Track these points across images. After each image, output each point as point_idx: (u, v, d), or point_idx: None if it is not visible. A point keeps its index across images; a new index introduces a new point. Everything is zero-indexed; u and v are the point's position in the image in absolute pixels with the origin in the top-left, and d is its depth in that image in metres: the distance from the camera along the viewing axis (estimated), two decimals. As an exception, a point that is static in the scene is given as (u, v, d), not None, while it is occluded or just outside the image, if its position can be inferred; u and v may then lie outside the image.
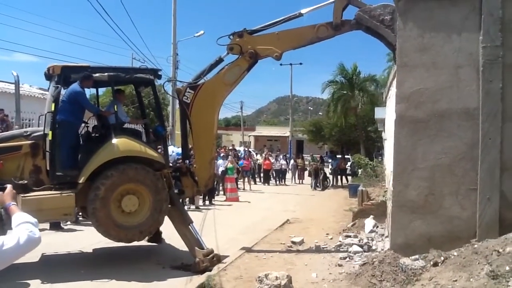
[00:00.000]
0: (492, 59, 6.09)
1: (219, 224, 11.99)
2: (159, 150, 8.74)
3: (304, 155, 31.17)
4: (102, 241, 8.61)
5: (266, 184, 26.07)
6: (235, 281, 6.86)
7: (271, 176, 27.15)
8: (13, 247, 2.26)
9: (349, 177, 26.50)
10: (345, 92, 29.56)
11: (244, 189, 21.91)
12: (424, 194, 6.33)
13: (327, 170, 27.33)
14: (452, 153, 6.25)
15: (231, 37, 8.58)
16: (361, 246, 8.50)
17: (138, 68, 8.87)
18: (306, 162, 28.78)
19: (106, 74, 7.76)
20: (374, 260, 6.41)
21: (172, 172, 8.67)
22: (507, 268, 5.12)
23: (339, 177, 26.54)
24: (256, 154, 29.80)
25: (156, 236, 9.15)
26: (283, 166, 27.24)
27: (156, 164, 7.99)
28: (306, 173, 27.49)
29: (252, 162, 23.98)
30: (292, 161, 29.18)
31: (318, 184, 25.23)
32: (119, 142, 7.71)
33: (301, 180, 27.28)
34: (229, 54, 8.63)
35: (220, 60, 8.74)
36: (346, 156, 29.46)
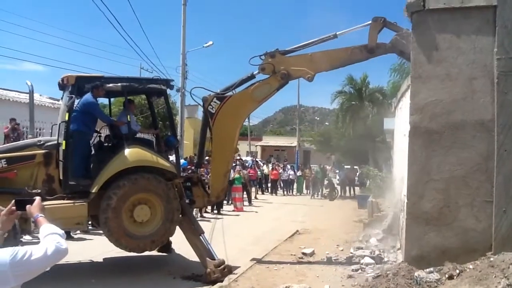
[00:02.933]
0: (507, 71, 6.06)
1: (228, 234, 11.95)
2: (171, 160, 8.76)
3: (312, 165, 31.08)
4: (113, 251, 8.62)
5: (273, 194, 26.01)
6: (247, 293, 6.83)
7: (279, 186, 27.09)
8: (41, 258, 2.27)
9: (357, 188, 26.39)
10: (354, 102, 29.57)
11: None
12: (439, 206, 6.27)
13: (335, 181, 27.24)
14: (467, 164, 6.20)
15: (263, 57, 8.60)
16: (373, 258, 8.44)
17: (150, 78, 8.93)
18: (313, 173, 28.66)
19: (119, 84, 7.83)
20: (388, 272, 6.35)
21: (183, 182, 8.68)
22: (525, 281, 5.07)
23: (347, 187, 26.44)
24: (263, 164, 29.75)
25: (166, 246, 9.15)
26: (290, 176, 27.18)
27: (168, 174, 8.01)
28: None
29: (258, 172, 23.92)
30: (299, 172, 29.04)
31: (316, 194, 25.30)
32: (131, 152, 7.75)
33: (316, 192, 26.57)
34: (260, 73, 8.66)
35: (252, 77, 8.79)
36: (354, 167, 29.38)
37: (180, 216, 8.05)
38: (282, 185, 27.09)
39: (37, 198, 2.59)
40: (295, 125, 64.79)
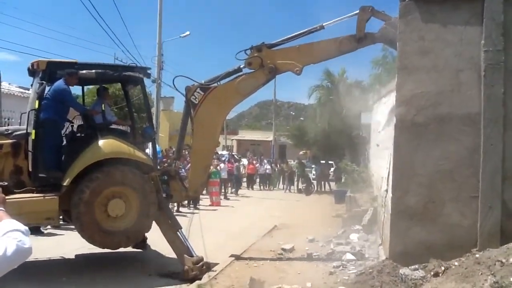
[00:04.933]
0: (494, 64, 5.96)
1: (206, 229, 11.66)
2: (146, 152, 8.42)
3: (288, 160, 30.94)
4: (85, 247, 8.24)
5: (250, 188, 25.81)
6: (227, 290, 6.59)
7: (255, 181, 26.91)
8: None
9: (332, 183, 26.41)
10: (331, 97, 29.56)
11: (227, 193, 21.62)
12: (423, 201, 6.14)
13: (311, 176, 27.19)
14: (453, 158, 6.09)
15: (249, 51, 8.32)
16: (354, 254, 8.30)
17: (127, 66, 8.51)
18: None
19: (93, 71, 7.41)
20: (371, 270, 6.20)
21: (160, 176, 8.35)
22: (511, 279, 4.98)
23: (322, 182, 26.43)
24: (239, 158, 29.52)
25: (141, 242, 8.79)
26: (267, 171, 27.02)
27: (144, 167, 7.67)
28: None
29: (235, 166, 23.65)
30: (278, 166, 28.88)
31: (289, 189, 25.34)
32: (106, 143, 7.37)
33: (290, 187, 26.36)
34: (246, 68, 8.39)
35: (239, 70, 8.51)
36: (329, 162, 29.39)
37: (157, 211, 7.72)
38: (258, 179, 26.92)
39: None
40: (270, 119, 64.75)
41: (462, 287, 5.26)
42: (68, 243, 9.24)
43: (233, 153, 33.33)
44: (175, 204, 14.49)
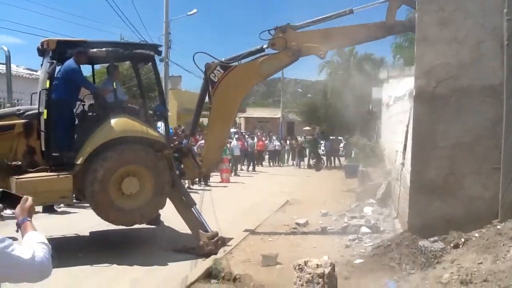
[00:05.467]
0: (518, 32, 5.77)
1: (217, 206, 11.66)
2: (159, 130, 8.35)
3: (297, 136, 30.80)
4: (99, 224, 8.26)
5: (260, 165, 25.79)
6: (244, 265, 6.58)
7: (264, 157, 26.88)
8: (26, 261, 1.85)
9: (342, 158, 26.32)
10: (341, 72, 29.20)
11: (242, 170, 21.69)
12: (444, 174, 6.06)
13: (320, 151, 27.09)
14: (474, 131, 5.96)
15: (273, 31, 8.13)
16: (369, 228, 8.27)
17: (137, 43, 8.38)
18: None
19: (104, 49, 7.27)
20: (390, 242, 6.15)
21: (173, 153, 8.28)
22: (534, 249, 4.91)
23: (332, 158, 26.34)
24: (249, 135, 29.42)
25: (155, 219, 8.77)
26: (277, 147, 26.95)
27: (157, 145, 7.60)
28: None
29: (245, 143, 23.58)
30: (287, 143, 28.81)
31: (299, 164, 25.34)
32: (118, 122, 7.29)
33: (300, 162, 26.37)
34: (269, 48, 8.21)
35: (261, 50, 8.35)
36: (339, 138, 29.24)
37: (170, 188, 7.68)
38: (268, 156, 26.90)
39: (27, 199, 2.16)
40: (277, 97, 64.27)
41: (483, 258, 5.20)
42: (82, 221, 9.27)
43: (241, 131, 33.19)
44: (186, 181, 14.49)
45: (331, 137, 28.31)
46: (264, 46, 8.29)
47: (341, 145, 28.21)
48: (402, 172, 7.94)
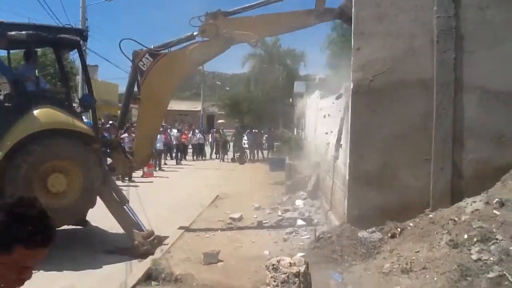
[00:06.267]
0: (446, 30, 6.11)
1: (146, 202, 11.21)
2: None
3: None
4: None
5: (183, 159, 25.33)
6: (184, 264, 6.38)
7: (188, 151, 26.45)
8: None
9: (265, 151, 26.65)
10: (265, 65, 29.48)
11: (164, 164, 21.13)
12: (380, 165, 6.27)
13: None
14: (407, 123, 6.23)
15: (203, 18, 7.83)
16: (303, 220, 8.40)
17: (62, 27, 7.73)
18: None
19: (24, 32, 6.59)
20: (330, 234, 6.26)
21: (102, 147, 7.80)
22: (465, 236, 5.21)
23: (255, 151, 26.56)
24: (170, 129, 28.75)
25: (80, 219, 8.22)
26: (200, 141, 26.61)
27: (85, 138, 7.09)
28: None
29: (169, 137, 23.01)
30: (210, 136, 28.58)
31: (223, 158, 25.49)
32: (42, 113, 6.70)
33: (224, 156, 26.48)
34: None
35: (192, 37, 8.05)
36: (261, 131, 29.52)
37: (101, 185, 7.22)
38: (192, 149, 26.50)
39: None
40: (194, 90, 63.54)
41: (420, 246, 5.46)
42: None
43: (163, 124, 32.33)
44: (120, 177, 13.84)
45: (254, 130, 28.53)
46: (195, 33, 8.05)
47: (264, 138, 28.52)
48: (335, 165, 8.13)
